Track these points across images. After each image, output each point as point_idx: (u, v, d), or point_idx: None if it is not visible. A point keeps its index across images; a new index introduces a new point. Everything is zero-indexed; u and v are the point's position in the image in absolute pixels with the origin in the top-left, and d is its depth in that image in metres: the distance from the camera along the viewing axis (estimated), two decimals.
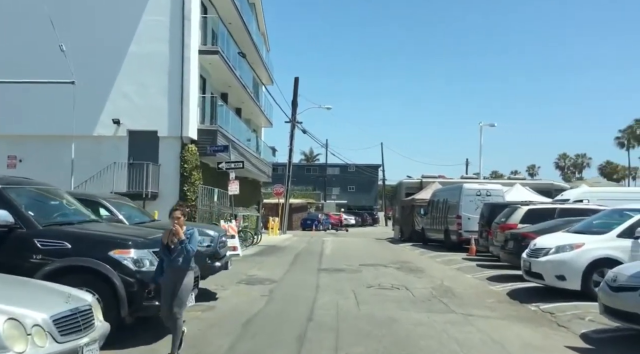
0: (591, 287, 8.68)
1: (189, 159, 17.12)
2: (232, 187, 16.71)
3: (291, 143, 34.90)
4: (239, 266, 13.95)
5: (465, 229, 19.51)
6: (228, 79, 21.94)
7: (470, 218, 19.50)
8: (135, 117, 17.39)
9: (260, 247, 20.47)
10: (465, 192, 19.81)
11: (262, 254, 17.88)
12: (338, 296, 9.38)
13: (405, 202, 28.52)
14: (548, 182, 30.37)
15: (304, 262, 15.36)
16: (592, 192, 18.96)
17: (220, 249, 8.81)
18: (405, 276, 12.50)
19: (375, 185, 78.61)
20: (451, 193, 21.33)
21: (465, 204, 19.71)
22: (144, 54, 17.39)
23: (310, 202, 55.43)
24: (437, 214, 22.50)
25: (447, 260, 16.50)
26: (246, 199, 27.90)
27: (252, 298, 9.24)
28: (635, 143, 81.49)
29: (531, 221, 13.27)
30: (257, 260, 15.67)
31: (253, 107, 28.16)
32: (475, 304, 8.93)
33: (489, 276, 12.35)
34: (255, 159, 27.51)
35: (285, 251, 19.46)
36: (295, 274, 12.79)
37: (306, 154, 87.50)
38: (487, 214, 16.59)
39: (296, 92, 34.93)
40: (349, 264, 14.92)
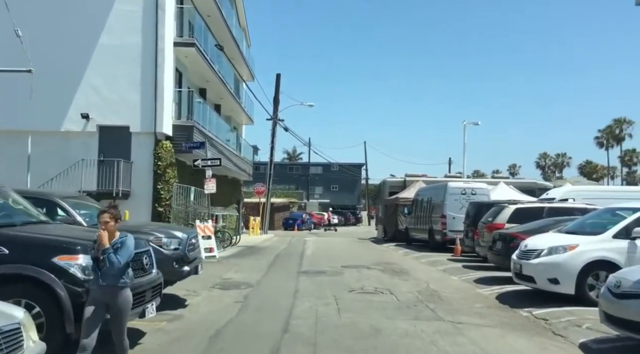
0: (586, 291, 8.19)
1: (163, 156, 16.28)
2: (209, 186, 15.93)
3: (272, 141, 34.15)
4: (215, 269, 13.21)
5: (450, 228, 19.05)
6: (206, 74, 21.12)
7: (455, 218, 19.04)
8: (106, 112, 16.48)
9: (239, 248, 19.71)
10: (450, 191, 19.34)
11: (240, 255, 17.14)
12: (318, 303, 8.73)
13: (389, 201, 28.02)
14: (531, 181, 30.19)
15: (284, 265, 14.67)
16: (577, 191, 18.63)
17: (189, 252, 8.08)
18: (390, 279, 11.91)
19: (358, 184, 78.24)
20: (435, 192, 20.86)
21: (450, 203, 19.24)
22: (116, 45, 16.47)
23: (292, 202, 54.72)
24: (421, 214, 22.01)
25: (432, 261, 15.99)
26: (226, 198, 27.08)
27: (225, 305, 8.53)
28: (614, 143, 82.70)
29: (519, 220, 12.81)
30: (234, 262, 14.93)
31: (233, 104, 27.35)
32: (464, 310, 8.36)
33: (476, 278, 11.84)
34: (236, 157, 26.71)
35: (265, 252, 18.74)
36: (274, 277, 12.10)
37: (289, 152, 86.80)
38: (472, 214, 16.12)
39: (278, 89, 34.22)
40: (331, 266, 14.28)
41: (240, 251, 18.82)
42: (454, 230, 18.87)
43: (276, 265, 14.54)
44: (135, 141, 16.61)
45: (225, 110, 27.78)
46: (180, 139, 17.11)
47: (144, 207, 16.15)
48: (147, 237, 7.48)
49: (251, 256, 17.14)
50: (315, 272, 12.92)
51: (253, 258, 16.25)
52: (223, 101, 26.21)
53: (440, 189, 20.15)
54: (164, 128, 16.55)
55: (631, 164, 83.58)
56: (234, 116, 30.58)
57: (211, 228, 15.54)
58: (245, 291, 9.95)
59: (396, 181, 30.23)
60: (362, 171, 74.36)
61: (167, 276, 7.75)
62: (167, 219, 16.26)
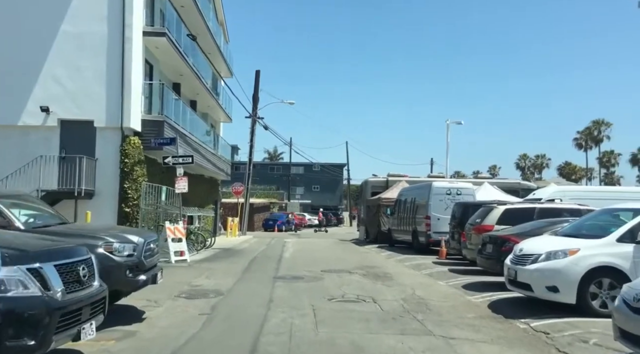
0: (588, 300, 7.45)
1: (130, 153, 15.17)
2: (180, 185, 14.89)
3: (252, 139, 33.11)
4: (184, 274, 12.20)
5: (435, 230, 18.33)
6: (180, 67, 20.03)
7: (440, 219, 18.34)
8: (68, 105, 15.29)
9: (214, 251, 18.68)
10: (434, 191, 18.62)
11: (214, 259, 16.11)
12: (294, 314, 7.82)
13: (371, 201, 27.26)
14: (515, 181, 29.80)
15: (260, 269, 13.71)
16: (564, 192, 18.11)
17: (146, 258, 7.09)
18: (373, 285, 11.06)
19: (340, 184, 77.56)
20: (419, 192, 20.13)
21: (434, 203, 18.52)
22: (79, 33, 15.30)
23: (273, 202, 53.65)
24: (404, 215, 21.27)
25: (416, 264, 15.21)
26: (202, 198, 25.99)
27: (189, 317, 7.56)
28: (592, 144, 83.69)
29: (509, 221, 12.11)
30: (206, 266, 13.92)
31: (210, 100, 26.25)
32: (455, 321, 7.55)
33: (465, 284, 11.07)
34: (213, 155, 25.63)
35: (241, 255, 17.74)
36: (247, 283, 11.14)
37: (270, 152, 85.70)
38: (459, 215, 15.40)
39: (257, 86, 33.22)
40: (310, 270, 13.39)
41: (215, 254, 17.78)
42: (439, 232, 18.17)
43: (251, 269, 13.58)
44: (100, 137, 15.45)
45: (201, 106, 26.67)
46: (150, 135, 16.01)
47: (109, 207, 15.03)
48: (94, 243, 6.49)
49: (226, 259, 16.13)
50: (292, 277, 12.00)
51: (228, 262, 15.26)
52: (199, 97, 25.10)
53: (425, 189, 19.43)
54: (132, 123, 15.43)
55: (609, 166, 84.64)
56: (211, 113, 29.47)
57: (182, 230, 14.51)
58: (214, 300, 8.98)
59: (378, 181, 29.52)
60: (344, 171, 73.78)
61: (119, 286, 6.79)
62: (134, 221, 15.16)
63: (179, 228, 14.35)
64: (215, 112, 29.65)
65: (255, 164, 77.81)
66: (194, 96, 24.84)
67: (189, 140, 20.18)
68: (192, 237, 17.35)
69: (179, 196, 16.68)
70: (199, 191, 24.95)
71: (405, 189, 23.07)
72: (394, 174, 29.64)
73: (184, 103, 21.08)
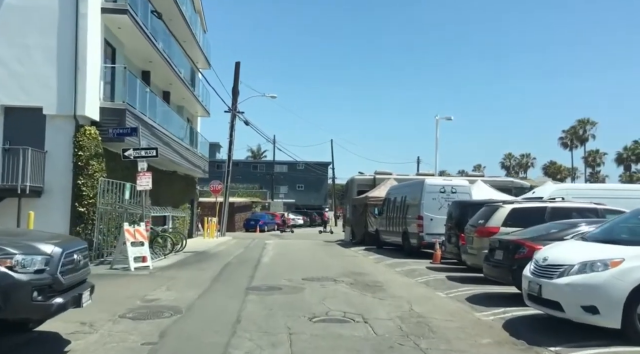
0: (637, 324, 5.90)
1: (86, 145, 13.29)
2: (142, 181, 13.06)
3: (231, 135, 31.26)
4: (141, 285, 10.42)
5: (428, 231, 16.78)
6: (148, 53, 18.16)
7: (434, 219, 16.80)
8: (13, 90, 13.34)
9: (184, 255, 16.86)
10: (427, 188, 17.06)
11: (182, 265, 14.31)
12: (263, 342, 6.14)
13: (357, 201, 25.67)
14: (507, 179, 28.55)
15: (232, 277, 11.97)
16: (566, 189, 16.78)
17: (65, 274, 5.32)
18: (362, 297, 9.43)
19: (324, 183, 75.90)
20: (410, 190, 18.57)
21: (427, 202, 16.96)
22: (26, 6, 13.36)
23: (255, 201, 51.77)
24: (393, 215, 19.70)
25: (409, 270, 13.63)
26: (177, 197, 24.14)
27: (126, 349, 5.82)
28: (577, 143, 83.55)
29: (517, 223, 10.58)
30: (171, 274, 12.13)
31: (184, 92, 24.37)
32: (469, 350, 5.94)
33: (469, 296, 9.49)
34: (187, 151, 23.76)
35: (214, 260, 15.96)
36: (214, 297, 9.41)
37: (253, 150, 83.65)
38: (456, 215, 13.85)
39: (237, 79, 31.36)
40: (289, 278, 11.70)
41: (185, 258, 15.96)
42: (433, 233, 16.64)
43: (222, 278, 11.83)
44: (50, 126, 13.54)
45: (176, 98, 24.78)
46: (111, 126, 14.15)
47: (60, 207, 13.14)
48: None
49: (196, 265, 14.34)
50: (268, 288, 10.30)
51: (197, 268, 13.47)
52: (172, 88, 23.21)
53: (416, 187, 17.87)
54: (88, 111, 13.55)
55: (595, 165, 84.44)
56: (188, 106, 27.57)
57: (144, 233, 12.69)
58: (167, 321, 7.24)
59: (365, 178, 27.98)
60: (328, 169, 72.17)
61: (23, 313, 5.04)
62: (90, 222, 13.31)
63: (141, 230, 12.54)
64: (192, 105, 27.76)
65: (238, 163, 76.24)
66: (166, 87, 22.96)
67: (158, 133, 18.33)
68: (159, 240, 15.53)
69: (142, 194, 14.88)
70: (173, 189, 23.12)
71: (394, 188, 21.52)
72: (381, 172, 28.13)
73: (154, 93, 19.21)
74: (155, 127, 17.84)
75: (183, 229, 25.94)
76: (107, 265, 12.74)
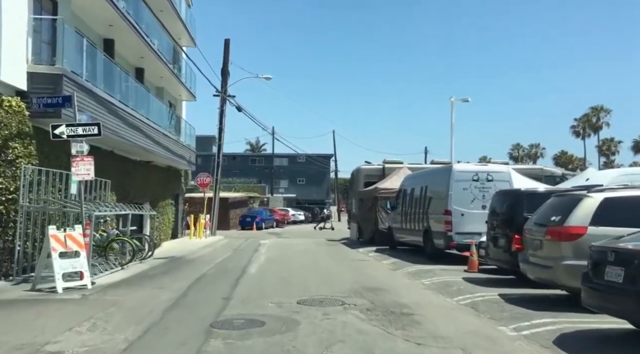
0: None
1: (3, 121, 9.85)
2: (80, 169, 9.60)
3: (221, 121, 27.78)
4: (58, 319, 7.02)
5: (458, 230, 13.32)
6: (106, 13, 14.65)
7: (465, 214, 13.35)
8: None
9: (151, 264, 13.43)
10: (456, 176, 13.56)
11: (139, 280, 10.84)
12: None
13: (365, 193, 22.22)
14: (537, 167, 25.02)
15: (198, 301, 8.51)
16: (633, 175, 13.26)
17: None
18: (388, 340, 6.00)
19: (326, 177, 72.47)
20: (433, 179, 15.11)
21: (457, 193, 13.47)
22: None
23: (252, 197, 48.31)
24: (411, 209, 16.24)
25: (441, 283, 10.19)
26: (156, 191, 20.73)
27: None
28: (590, 132, 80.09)
29: (611, 219, 7.14)
30: (113, 297, 8.68)
31: (162, 69, 20.88)
32: None
33: (556, 336, 6.06)
34: (167, 138, 20.30)
35: (187, 270, 12.52)
36: (155, 345, 5.97)
37: (252, 143, 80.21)
38: (504, 209, 10.37)
39: (227, 58, 27.87)
40: (279, 301, 8.28)
41: (149, 269, 12.51)
42: (464, 232, 13.23)
43: (184, 303, 8.37)
44: None
45: (152, 77, 21.28)
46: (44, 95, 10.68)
47: None
48: None
49: (158, 279, 10.89)
50: (246, 322, 6.85)
51: (156, 286, 10.01)
52: (146, 63, 19.71)
53: (442, 175, 14.39)
54: (5, 75, 10.07)
55: (609, 154, 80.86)
56: (169, 88, 24.08)
57: (80, 239, 9.24)
58: None
59: (372, 168, 24.51)
60: (331, 162, 68.76)
61: None
62: (10, 225, 9.86)
63: (74, 236, 9.08)
64: (174, 87, 24.27)
65: (235, 156, 72.96)
66: (138, 62, 19.47)
67: (122, 113, 14.88)
68: (115, 246, 12.10)
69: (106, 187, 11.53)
70: (149, 182, 19.69)
71: (410, 177, 18.05)
72: (391, 161, 24.60)
73: (116, 64, 15.72)
74: (115, 105, 14.38)
75: (166, 229, 22.57)
76: (31, 283, 9.30)
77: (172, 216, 23.61)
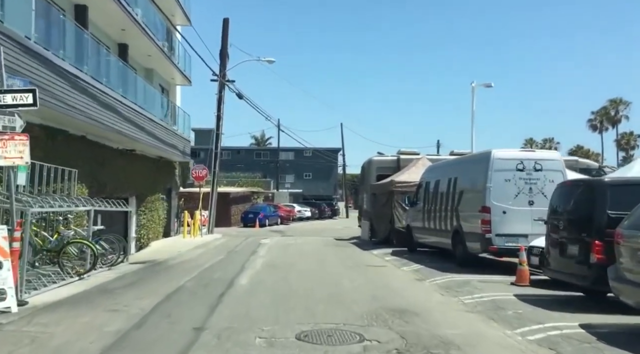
0: None
1: None
2: (9, 150, 7.16)
3: (219, 108, 25.27)
4: None
5: (498, 231, 10.75)
6: None
7: (507, 211, 10.78)
8: None
9: (121, 271, 10.99)
10: (496, 164, 10.96)
11: (90, 296, 8.33)
12: None
13: (379, 187, 19.70)
14: (572, 158, 22.27)
15: (153, 338, 6.01)
16: None
17: None
18: None
19: (334, 171, 69.90)
20: (465, 169, 12.54)
21: (497, 186, 10.89)
22: None
23: (256, 192, 45.86)
24: (435, 206, 13.70)
25: (489, 303, 7.67)
26: (141, 184, 18.38)
27: None
28: (608, 125, 76.99)
29: None
30: (36, 328, 6.19)
31: (149, 46, 18.42)
32: None
33: None
34: (154, 124, 17.89)
35: (161, 280, 10.05)
36: None
37: (257, 137, 77.76)
38: (576, 205, 7.78)
39: (226, 39, 25.33)
40: (271, 335, 5.81)
41: (115, 279, 10.04)
42: (506, 234, 10.68)
43: (134, 341, 5.86)
44: None
45: (138, 55, 18.85)
46: None
47: None
48: None
49: (116, 296, 8.40)
50: None
51: (109, 307, 7.52)
52: (128, 37, 17.28)
53: (477, 164, 11.82)
54: None
55: (628, 148, 77.57)
56: (160, 70, 21.67)
57: (3, 245, 6.80)
58: None
59: (386, 160, 22.01)
60: (338, 156, 66.14)
61: None
62: None
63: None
64: (166, 69, 21.85)
65: (240, 150, 70.59)
66: (119, 35, 17.04)
67: (93, 90, 12.48)
68: (72, 251, 9.67)
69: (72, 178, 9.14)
70: (132, 173, 17.32)
71: (433, 168, 15.50)
72: (406, 152, 22.06)
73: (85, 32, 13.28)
74: (84, 80, 11.98)
75: (155, 227, 20.18)
76: None
77: (163, 212, 21.22)
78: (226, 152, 70.19)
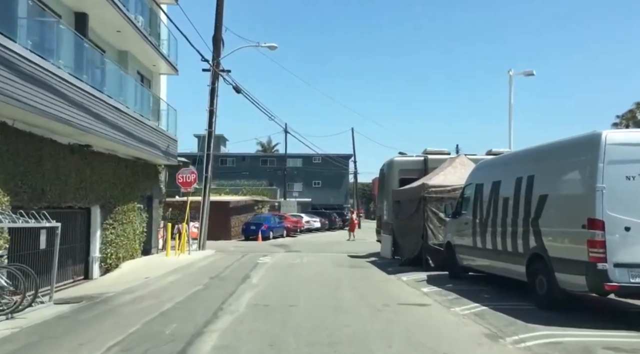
0: None
1: None
2: None
3: (212, 102, 21.52)
4: None
5: (619, 259, 6.72)
6: None
7: (634, 227, 6.75)
8: None
9: (23, 323, 7.14)
10: (610, 153, 6.95)
11: None
12: None
13: (405, 194, 15.71)
14: None
15: None
16: None
17: None
18: None
19: (345, 179, 65.90)
20: (549, 163, 8.47)
21: (613, 187, 6.88)
22: None
23: (260, 201, 41.94)
24: (495, 217, 9.69)
25: None
26: (115, 192, 14.69)
27: None
28: None
29: None
30: None
31: (117, 19, 14.71)
32: None
33: None
34: (124, 115, 14.15)
35: (70, 343, 6.18)
36: None
37: (263, 144, 74.07)
38: None
39: (220, 22, 21.66)
40: None
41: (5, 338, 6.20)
42: (633, 264, 6.64)
43: None
44: None
45: (104, 31, 15.17)
46: None
47: None
48: None
49: None
50: None
51: None
52: (88, 6, 13.60)
53: (573, 154, 7.77)
54: None
55: None
56: (138, 54, 17.96)
57: None
58: None
59: (410, 161, 18.17)
60: (350, 163, 62.31)
61: None
62: None
63: None
64: (145, 53, 18.11)
65: (245, 157, 66.73)
66: (77, 4, 13.39)
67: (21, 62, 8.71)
68: None
69: None
70: (100, 178, 13.57)
71: (489, 166, 11.48)
72: (434, 151, 18.17)
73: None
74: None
75: (129, 243, 16.37)
76: None
77: (141, 225, 17.41)
78: (230, 159, 66.85)
